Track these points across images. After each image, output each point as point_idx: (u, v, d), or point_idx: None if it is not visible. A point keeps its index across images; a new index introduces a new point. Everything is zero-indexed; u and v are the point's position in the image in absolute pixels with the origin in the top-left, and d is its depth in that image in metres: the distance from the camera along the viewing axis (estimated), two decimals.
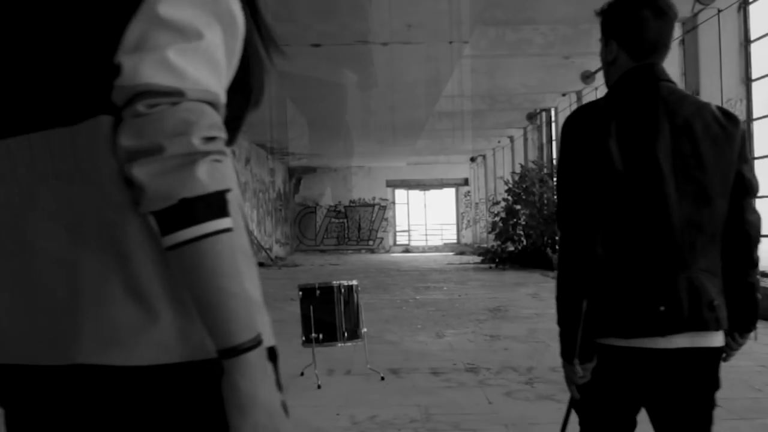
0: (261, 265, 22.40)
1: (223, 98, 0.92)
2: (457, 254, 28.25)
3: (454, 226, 37.68)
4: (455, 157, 31.07)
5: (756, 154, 10.23)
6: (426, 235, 34.55)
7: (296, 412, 4.43)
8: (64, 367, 0.89)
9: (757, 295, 2.03)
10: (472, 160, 32.85)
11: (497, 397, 4.74)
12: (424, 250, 32.85)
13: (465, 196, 35.91)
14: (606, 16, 2.00)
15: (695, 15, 10.33)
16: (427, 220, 34.78)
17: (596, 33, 2.13)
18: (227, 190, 0.89)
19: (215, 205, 0.87)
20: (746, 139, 2.02)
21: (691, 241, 1.85)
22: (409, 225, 34.75)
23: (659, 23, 1.93)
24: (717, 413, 1.92)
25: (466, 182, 35.13)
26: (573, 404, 2.06)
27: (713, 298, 1.87)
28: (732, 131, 1.91)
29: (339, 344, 5.33)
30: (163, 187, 0.85)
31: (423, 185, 34.42)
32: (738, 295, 1.98)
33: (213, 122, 0.88)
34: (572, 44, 13.13)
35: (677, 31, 11.71)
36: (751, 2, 10.22)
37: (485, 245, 24.18)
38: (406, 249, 33.10)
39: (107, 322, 0.88)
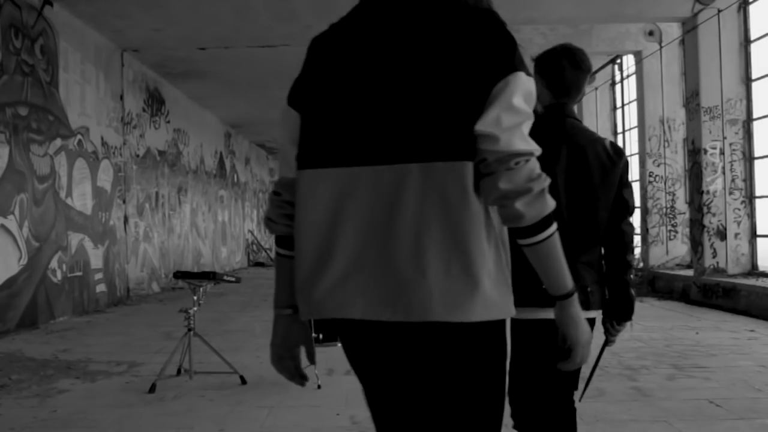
0: (261, 265, 22.39)
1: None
2: None
3: None
4: None
5: (756, 154, 10.24)
6: None
7: (296, 412, 4.43)
8: (419, 324, 1.35)
9: (630, 291, 2.53)
10: None
11: None
12: None
13: None
14: (538, 62, 2.62)
15: (695, 15, 10.32)
16: None
17: (596, 33, 2.17)
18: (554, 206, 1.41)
19: (552, 217, 1.39)
20: (627, 168, 2.58)
21: (575, 238, 2.38)
22: None
23: (575, 73, 2.54)
24: (717, 413, 2.04)
25: None
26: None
27: (587, 285, 2.43)
28: (616, 161, 2.49)
29: (339, 344, 5.31)
30: (534, 212, 1.35)
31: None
32: (615, 290, 2.51)
33: (539, 167, 1.39)
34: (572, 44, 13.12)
35: (678, 31, 11.71)
36: (751, 2, 10.22)
37: None
38: None
39: (450, 292, 1.32)
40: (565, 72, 2.54)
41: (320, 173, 1.44)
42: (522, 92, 1.37)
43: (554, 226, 1.40)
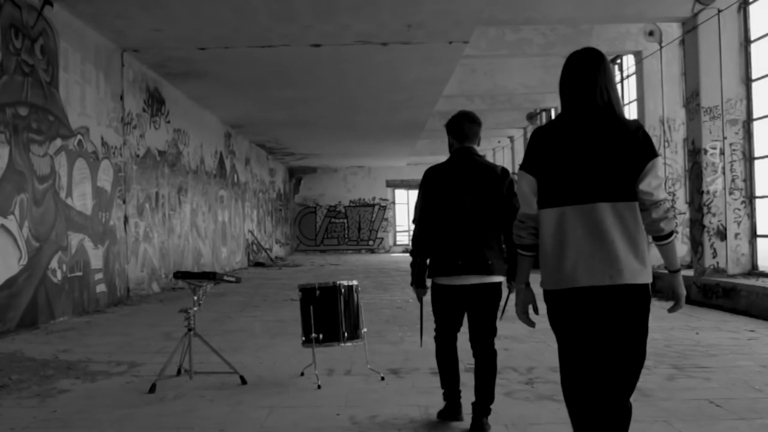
0: (261, 265, 22.39)
1: None
2: None
3: None
4: None
5: (756, 154, 10.23)
6: None
7: (296, 412, 4.43)
8: (624, 286, 2.64)
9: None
10: None
11: (497, 397, 4.72)
12: None
13: None
14: (448, 123, 4.23)
15: (695, 15, 10.33)
16: None
17: (596, 33, 2.20)
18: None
19: (674, 231, 2.71)
20: (512, 184, 3.91)
21: (476, 231, 3.98)
22: (409, 225, 34.68)
23: (471, 125, 4.15)
24: (717, 413, 2.27)
25: None
26: (421, 309, 4.41)
27: (489, 259, 3.95)
28: (503, 179, 4.01)
29: (339, 344, 5.32)
30: (668, 228, 2.69)
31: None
32: (511, 263, 3.90)
33: (669, 205, 2.71)
34: (572, 44, 13.11)
35: (678, 31, 11.71)
36: (751, 2, 10.22)
37: None
38: (406, 249, 33.04)
39: (631, 267, 2.63)
40: (464, 126, 4.14)
41: (551, 210, 2.76)
42: (659, 168, 2.73)
43: (674, 236, 2.75)
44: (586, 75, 2.76)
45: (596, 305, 2.68)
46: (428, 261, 4.10)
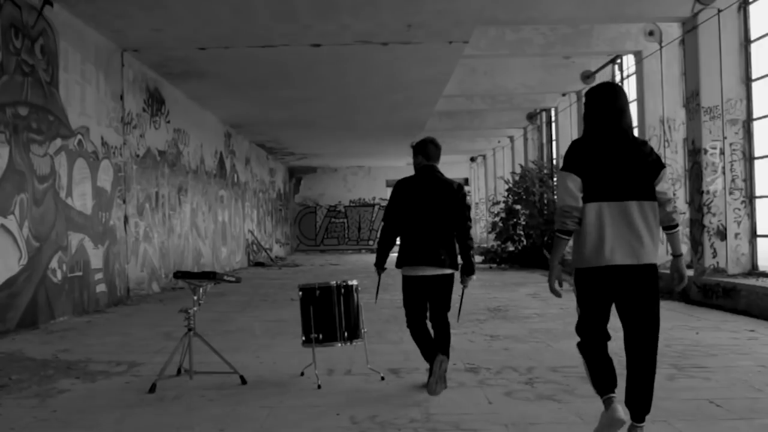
0: (261, 265, 22.40)
1: None
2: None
3: None
4: (455, 157, 31.00)
5: (756, 154, 10.23)
6: None
7: (296, 412, 4.43)
8: (645, 265, 3.55)
9: (472, 260, 5.08)
10: (472, 160, 32.82)
11: (497, 397, 4.74)
12: None
13: None
14: (416, 145, 5.23)
15: (695, 15, 10.32)
16: None
17: (596, 33, 2.19)
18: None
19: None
20: (465, 197, 5.11)
21: (435, 235, 4.97)
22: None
23: (434, 148, 5.18)
24: (717, 413, 2.18)
25: (466, 182, 35.05)
26: (378, 286, 5.56)
27: (442, 255, 4.93)
28: (459, 193, 5.05)
29: (339, 344, 5.32)
30: (678, 219, 3.69)
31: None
32: (465, 259, 5.06)
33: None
34: (572, 44, 13.12)
35: (678, 31, 11.71)
36: (751, 2, 10.22)
37: (485, 245, 24.15)
38: None
39: (650, 250, 3.56)
40: (429, 148, 5.18)
41: (593, 204, 3.56)
42: (668, 174, 3.88)
43: (679, 226, 3.66)
44: (620, 104, 3.68)
45: (626, 279, 3.55)
46: (397, 254, 5.11)
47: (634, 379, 3.56)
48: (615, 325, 3.69)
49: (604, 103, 3.67)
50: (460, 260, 5.07)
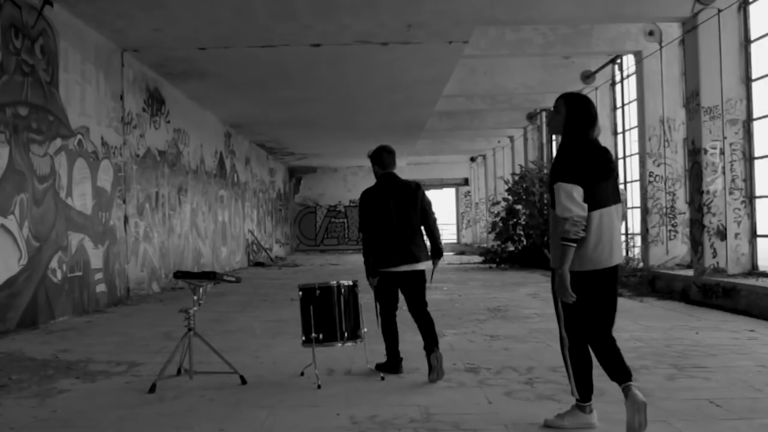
0: (261, 265, 22.39)
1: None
2: (457, 254, 28.23)
3: (454, 226, 37.61)
4: (455, 157, 31.02)
5: (756, 154, 10.23)
6: None
7: (296, 412, 4.43)
8: (616, 266, 3.94)
9: (440, 246, 5.64)
10: (472, 160, 32.81)
11: (497, 397, 4.74)
12: None
13: (465, 196, 35.86)
14: (370, 156, 5.72)
15: (695, 15, 10.32)
16: None
17: (596, 33, 2.18)
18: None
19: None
20: (424, 194, 5.56)
21: (407, 234, 5.44)
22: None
23: (389, 156, 5.67)
24: (717, 413, 2.18)
25: (466, 182, 35.10)
26: (376, 296, 5.57)
27: (414, 252, 5.41)
28: (417, 192, 5.55)
29: (339, 344, 5.33)
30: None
31: (423, 185, 34.37)
32: (434, 246, 5.59)
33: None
34: (572, 44, 13.12)
35: (678, 31, 11.71)
36: (751, 2, 10.21)
37: (485, 245, 24.14)
38: None
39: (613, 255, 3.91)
40: (384, 156, 5.63)
41: (596, 212, 3.79)
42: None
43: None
44: (594, 113, 3.99)
45: (615, 277, 3.94)
46: (372, 259, 5.44)
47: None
48: (616, 326, 3.68)
49: (589, 112, 3.95)
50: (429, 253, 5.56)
